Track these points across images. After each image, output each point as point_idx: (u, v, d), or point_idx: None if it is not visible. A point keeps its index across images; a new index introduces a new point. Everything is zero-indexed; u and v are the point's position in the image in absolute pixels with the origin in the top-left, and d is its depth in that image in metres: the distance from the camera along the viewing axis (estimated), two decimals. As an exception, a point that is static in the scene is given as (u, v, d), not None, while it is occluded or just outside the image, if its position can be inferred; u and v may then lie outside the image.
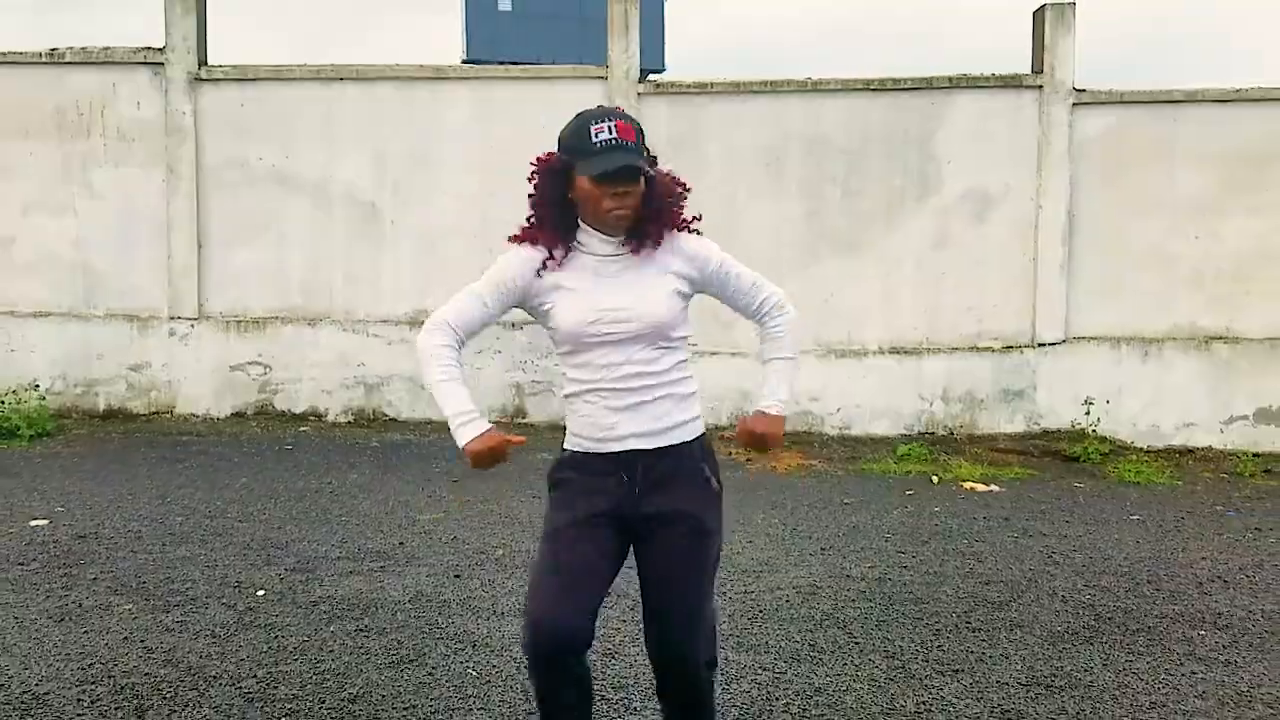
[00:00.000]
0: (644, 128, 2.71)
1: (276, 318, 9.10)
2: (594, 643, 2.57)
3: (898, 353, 8.99)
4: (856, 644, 4.10)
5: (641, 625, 2.65)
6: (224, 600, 4.46)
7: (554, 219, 2.61)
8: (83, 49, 9.11)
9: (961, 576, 5.06)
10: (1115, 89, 8.94)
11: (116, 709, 3.37)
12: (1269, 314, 8.90)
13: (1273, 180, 8.81)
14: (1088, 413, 8.78)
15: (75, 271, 9.11)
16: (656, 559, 2.58)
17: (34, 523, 5.76)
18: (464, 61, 27.89)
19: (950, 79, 8.95)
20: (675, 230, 2.66)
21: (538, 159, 2.64)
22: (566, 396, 2.71)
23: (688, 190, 2.71)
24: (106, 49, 9.11)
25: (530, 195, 2.66)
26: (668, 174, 2.70)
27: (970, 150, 8.91)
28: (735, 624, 4.29)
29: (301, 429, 8.80)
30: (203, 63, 9.06)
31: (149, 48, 9.07)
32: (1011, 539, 5.84)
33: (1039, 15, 8.97)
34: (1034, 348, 8.92)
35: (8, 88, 9.08)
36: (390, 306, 9.09)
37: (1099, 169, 8.87)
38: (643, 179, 2.54)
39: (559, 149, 2.60)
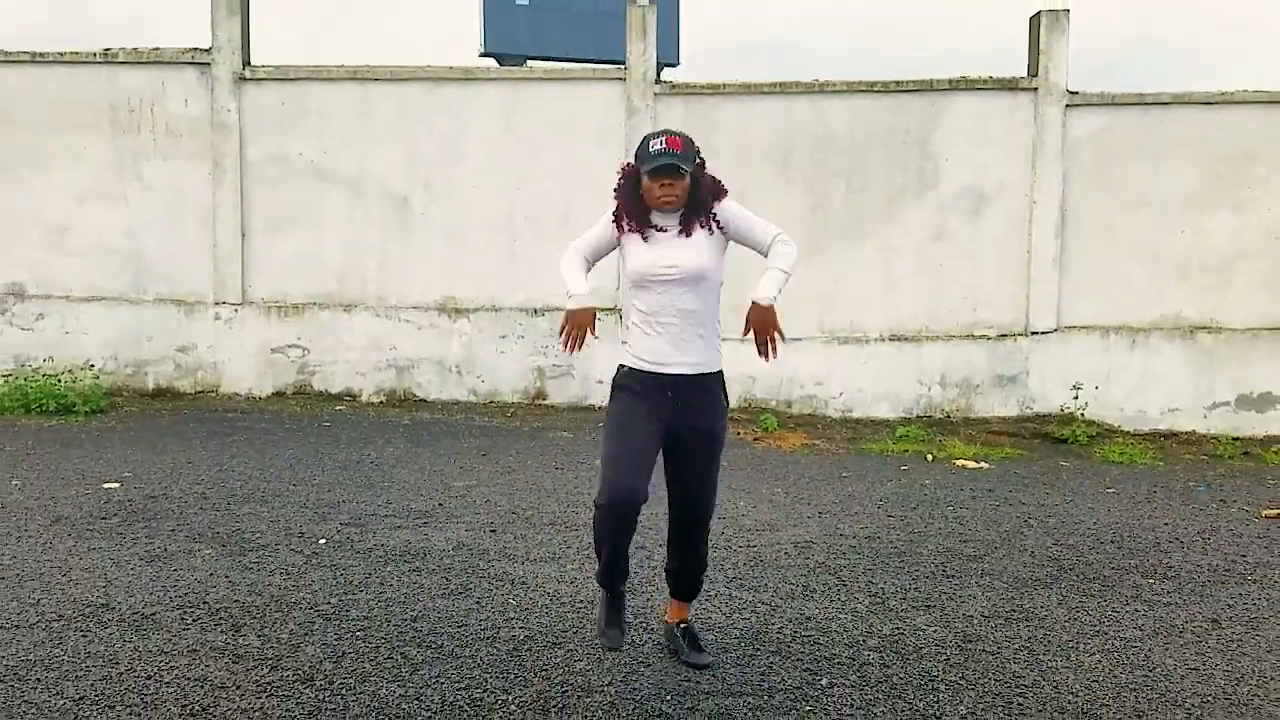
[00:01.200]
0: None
1: (314, 303, 9.71)
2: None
3: (898, 340, 9.54)
4: (844, 585, 4.69)
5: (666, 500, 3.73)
6: (291, 547, 5.07)
7: (630, 205, 3.65)
8: (134, 49, 9.72)
9: (943, 535, 5.64)
10: (1106, 91, 9.46)
11: (215, 625, 3.99)
12: (1250, 305, 9.42)
13: (1254, 178, 9.33)
14: (1077, 397, 9.32)
15: (126, 258, 9.74)
16: (685, 460, 3.64)
17: (106, 485, 6.37)
18: (481, 55, 28.43)
19: (950, 81, 9.48)
20: (716, 203, 3.67)
21: (624, 167, 3.73)
22: (631, 323, 3.67)
23: (723, 187, 3.74)
24: (156, 49, 9.72)
25: (615, 190, 3.71)
26: (712, 177, 3.71)
27: (968, 149, 9.45)
28: (738, 570, 4.88)
29: (337, 408, 9.41)
30: (246, 63, 9.66)
31: (196, 48, 9.67)
32: (993, 506, 6.42)
33: (1035, 21, 9.49)
34: (1027, 336, 9.47)
35: (64, 85, 9.69)
36: (420, 294, 9.69)
37: (1090, 167, 9.39)
38: (688, 176, 3.55)
39: (634, 159, 3.65)
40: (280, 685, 3.45)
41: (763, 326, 3.52)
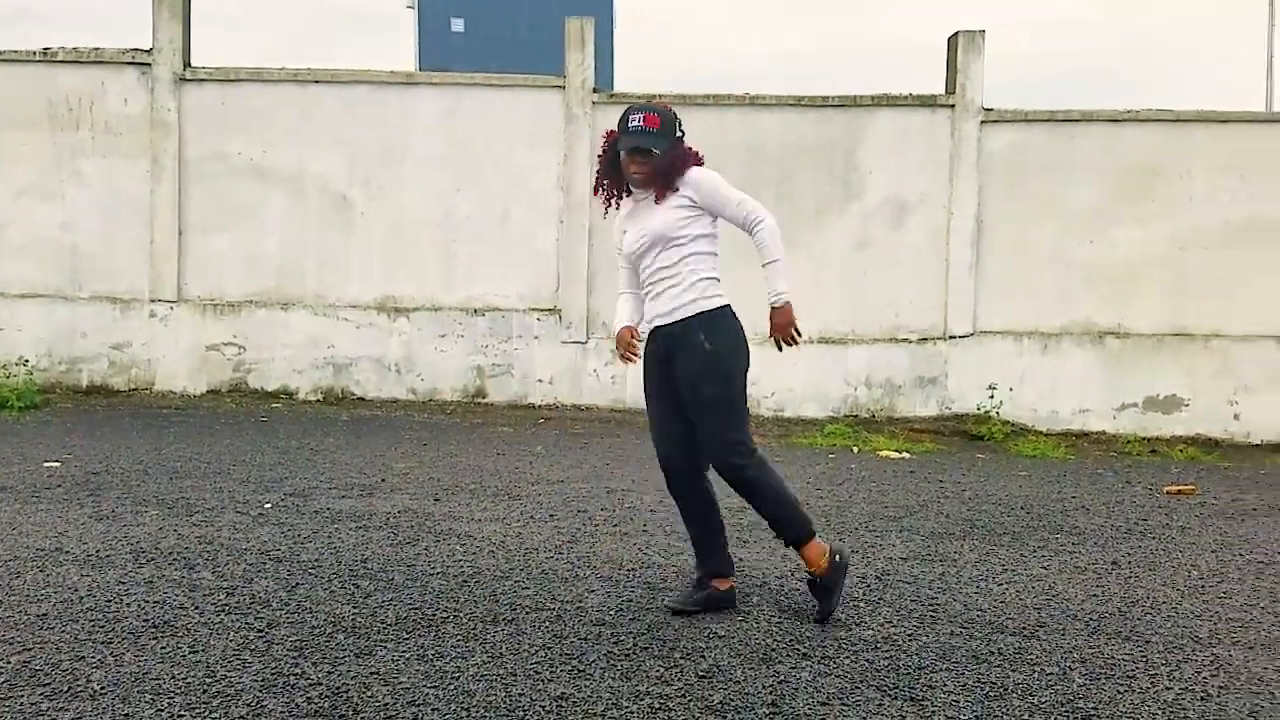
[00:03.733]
0: (597, 137, 3.89)
1: (251, 301, 9.78)
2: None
3: (826, 343, 9.91)
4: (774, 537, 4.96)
5: None
6: (237, 510, 5.19)
7: (611, 172, 3.88)
8: (74, 49, 9.77)
9: (867, 503, 5.96)
10: (1020, 108, 9.99)
11: (170, 564, 4.11)
12: (1155, 312, 9.95)
13: (1158, 192, 9.90)
14: (992, 398, 9.76)
15: (63, 255, 9.72)
16: (685, 406, 3.80)
17: (47, 464, 6.40)
18: (418, 80, 28.61)
19: (873, 98, 9.95)
20: (686, 170, 3.80)
21: (608, 133, 3.92)
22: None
23: (699, 158, 3.92)
24: (96, 49, 9.78)
25: (599, 155, 3.94)
26: (689, 151, 3.88)
27: (889, 162, 9.90)
28: (676, 529, 5.11)
29: (274, 405, 9.47)
30: (187, 64, 9.76)
31: (136, 49, 9.76)
32: (914, 483, 6.77)
33: (953, 41, 10.01)
34: (946, 340, 9.90)
35: (3, 83, 9.69)
36: (359, 292, 9.81)
37: (1004, 180, 9.90)
38: (657, 150, 3.72)
39: (617, 128, 3.84)
40: (237, 607, 3.60)
41: (784, 326, 3.90)
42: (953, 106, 9.87)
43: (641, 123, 3.72)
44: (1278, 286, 9.77)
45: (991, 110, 9.88)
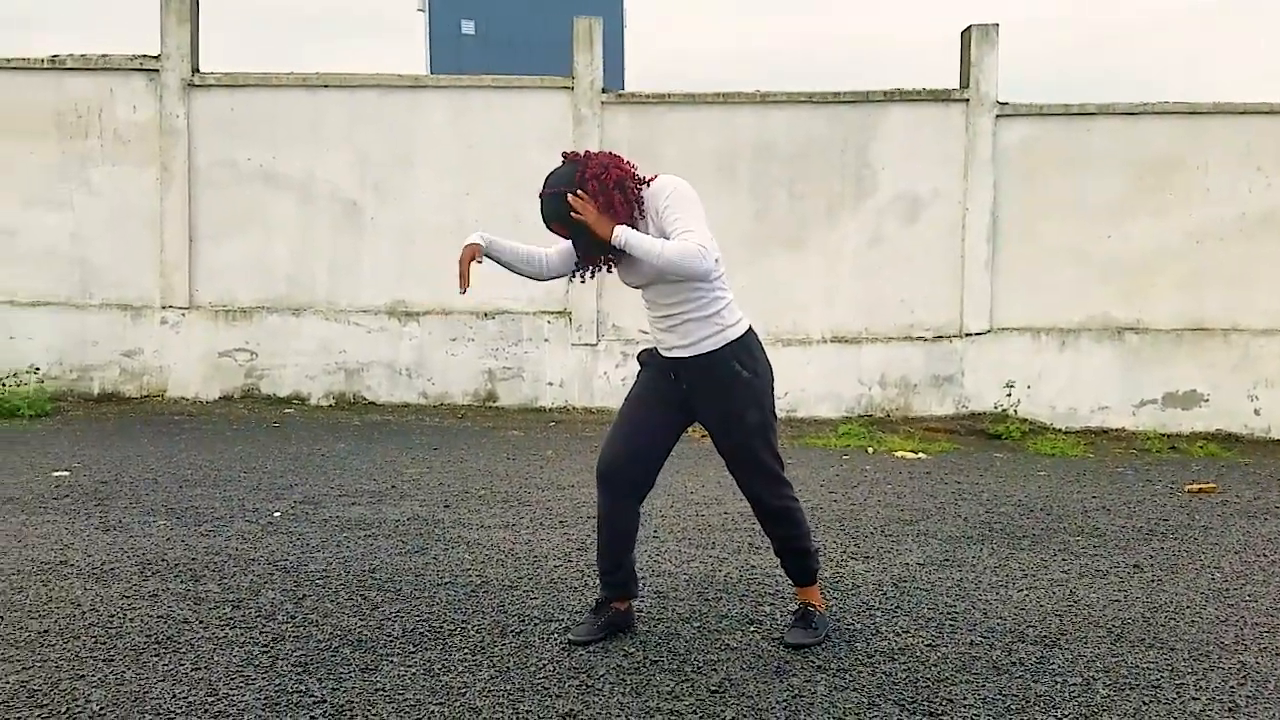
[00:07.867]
0: (606, 137, 3.62)
1: (262, 307, 9.76)
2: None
3: (839, 341, 9.81)
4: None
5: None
6: (246, 519, 5.15)
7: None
8: (82, 56, 9.76)
9: (882, 506, 5.87)
10: (1034, 102, 9.86)
11: (175, 577, 4.06)
12: (1174, 306, 9.82)
13: (1174, 184, 9.76)
14: (1010, 396, 9.64)
15: (73, 264, 9.71)
16: (715, 440, 3.57)
17: (55, 474, 6.37)
18: (429, 82, 28.57)
19: (885, 93, 9.84)
20: (641, 193, 3.47)
21: None
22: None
23: (633, 173, 3.55)
24: (104, 56, 9.77)
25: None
26: (605, 166, 3.47)
27: (903, 157, 9.79)
28: (687, 533, 5.06)
29: (286, 411, 9.44)
30: (195, 69, 9.74)
31: (145, 55, 9.74)
32: (930, 485, 6.67)
33: (966, 35, 9.90)
34: (961, 337, 9.79)
35: (11, 91, 9.69)
36: (370, 297, 9.78)
37: (1019, 175, 9.78)
38: (570, 214, 3.40)
39: None
40: (243, 620, 3.54)
41: (579, 210, 3.36)
42: (967, 101, 9.76)
43: (542, 201, 3.49)
44: (1298, 279, 9.63)
45: (1006, 104, 9.76)
